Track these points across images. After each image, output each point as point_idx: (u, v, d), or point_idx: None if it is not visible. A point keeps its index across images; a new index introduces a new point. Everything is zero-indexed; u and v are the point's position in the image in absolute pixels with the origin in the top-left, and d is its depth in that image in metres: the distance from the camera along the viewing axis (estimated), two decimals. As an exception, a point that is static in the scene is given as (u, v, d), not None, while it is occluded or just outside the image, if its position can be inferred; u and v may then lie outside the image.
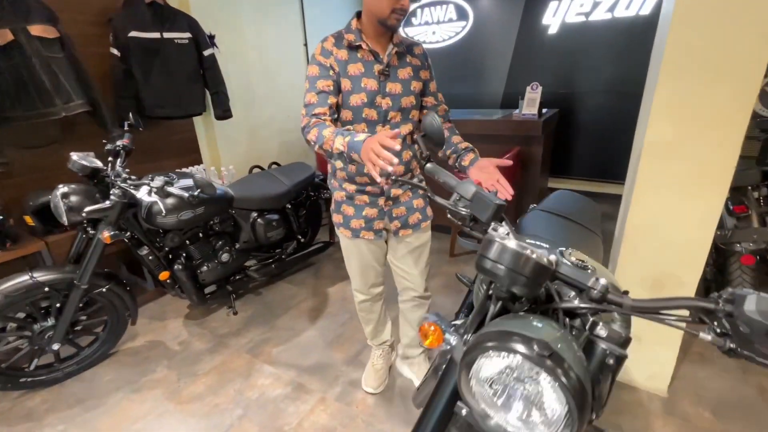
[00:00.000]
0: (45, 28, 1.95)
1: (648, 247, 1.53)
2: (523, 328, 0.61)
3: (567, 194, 1.74)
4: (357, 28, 1.28)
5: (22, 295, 1.61)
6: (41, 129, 2.08)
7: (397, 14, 1.19)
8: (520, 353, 0.58)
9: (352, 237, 1.47)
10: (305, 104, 1.24)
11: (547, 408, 0.60)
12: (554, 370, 0.56)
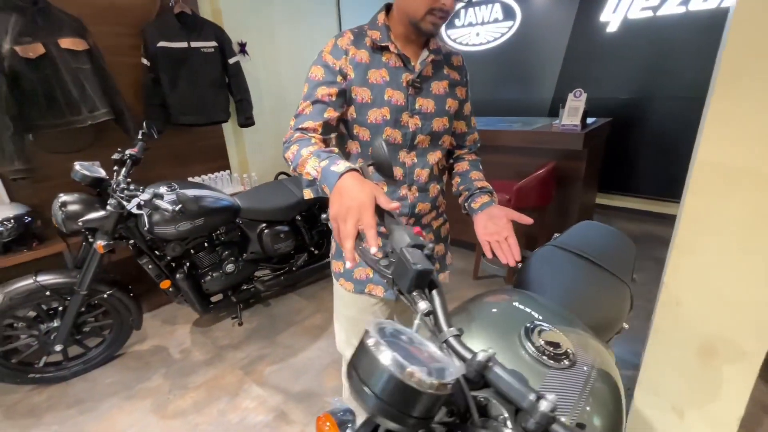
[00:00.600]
0: (74, 41, 2.05)
1: (695, 302, 1.20)
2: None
3: (594, 227, 1.45)
4: (385, 24, 0.98)
5: (25, 298, 1.68)
6: (70, 136, 2.20)
7: (434, 16, 0.89)
8: None
9: (354, 292, 1.13)
10: (296, 113, 0.98)
11: None
12: None
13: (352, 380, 0.43)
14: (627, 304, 1.17)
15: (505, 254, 0.87)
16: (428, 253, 0.62)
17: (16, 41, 1.87)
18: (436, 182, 1.11)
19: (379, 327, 0.45)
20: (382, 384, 0.41)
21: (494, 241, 0.90)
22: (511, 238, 0.89)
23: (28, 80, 1.93)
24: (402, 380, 0.40)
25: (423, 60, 0.99)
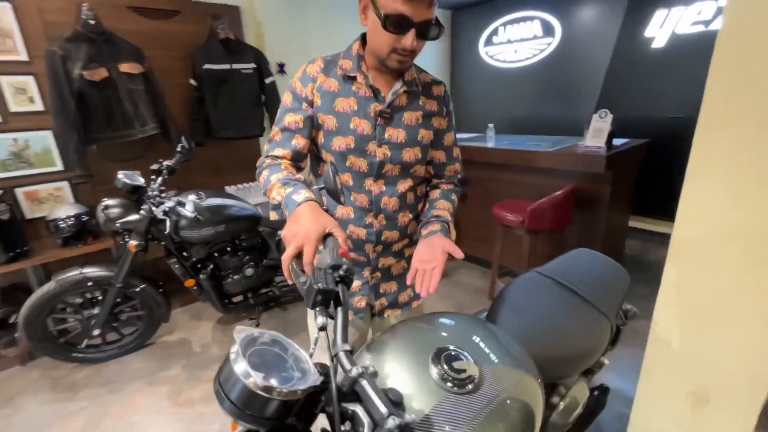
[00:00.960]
0: (132, 66, 2.36)
1: (686, 343, 1.12)
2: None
3: (587, 255, 1.39)
4: (358, 53, 1.00)
5: (72, 286, 1.95)
6: (124, 147, 2.52)
7: (398, 55, 0.92)
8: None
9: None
10: (269, 139, 1.04)
11: None
12: None
13: (215, 386, 0.50)
14: (605, 336, 1.12)
15: (422, 283, 0.89)
16: (342, 274, 0.67)
17: (85, 66, 2.20)
18: (408, 211, 1.11)
19: (251, 338, 0.52)
20: (236, 391, 0.48)
21: (421, 269, 0.91)
22: (437, 269, 0.90)
23: (92, 99, 2.26)
24: (250, 388, 0.47)
25: (395, 91, 1.00)
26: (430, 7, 0.87)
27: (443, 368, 0.65)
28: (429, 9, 0.87)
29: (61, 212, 2.24)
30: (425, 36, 0.91)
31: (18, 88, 2.25)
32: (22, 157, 2.33)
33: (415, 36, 0.88)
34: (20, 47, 2.22)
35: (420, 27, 0.88)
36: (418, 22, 0.87)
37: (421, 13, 0.86)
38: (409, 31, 0.87)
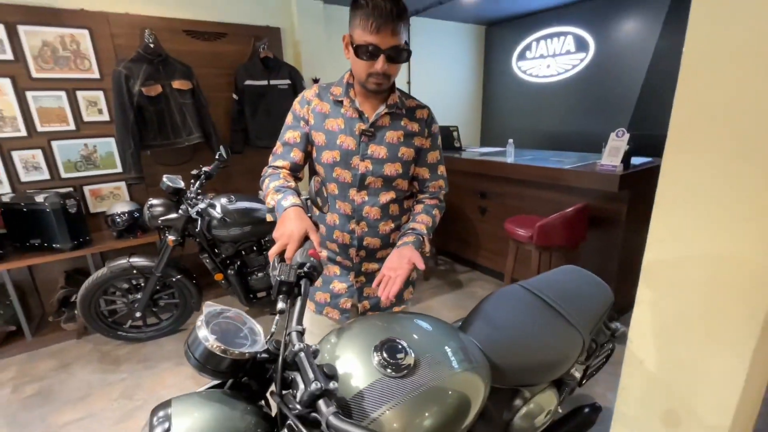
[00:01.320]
0: (182, 83, 2.69)
1: (658, 363, 1.14)
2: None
3: (573, 272, 1.43)
4: (348, 82, 1.14)
5: (120, 272, 2.26)
6: (173, 153, 2.85)
7: (374, 78, 1.04)
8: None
9: (315, 312, 1.29)
10: (272, 152, 1.21)
11: None
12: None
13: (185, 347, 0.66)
14: (574, 349, 1.17)
15: (383, 289, 1.01)
16: (306, 270, 0.81)
17: (143, 83, 2.54)
18: (390, 221, 1.22)
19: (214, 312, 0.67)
20: (199, 350, 0.63)
21: (386, 276, 1.03)
22: (401, 277, 1.01)
23: (147, 112, 2.60)
24: (208, 348, 0.62)
25: (378, 113, 1.13)
26: (395, 35, 1.00)
27: (383, 356, 0.77)
28: (394, 37, 1.00)
29: (118, 208, 2.59)
30: (395, 60, 1.04)
31: (90, 101, 2.64)
32: (90, 160, 2.72)
33: (384, 61, 1.02)
34: (94, 67, 2.61)
35: (389, 53, 1.01)
36: (385, 48, 1.00)
37: (388, 41, 1.00)
38: (378, 57, 1.01)
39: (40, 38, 2.44)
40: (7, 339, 2.46)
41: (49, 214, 2.32)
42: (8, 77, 2.40)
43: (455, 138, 3.54)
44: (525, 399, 1.12)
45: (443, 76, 4.49)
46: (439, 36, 4.34)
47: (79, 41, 2.55)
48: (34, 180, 2.58)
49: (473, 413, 0.84)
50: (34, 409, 1.95)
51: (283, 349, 0.69)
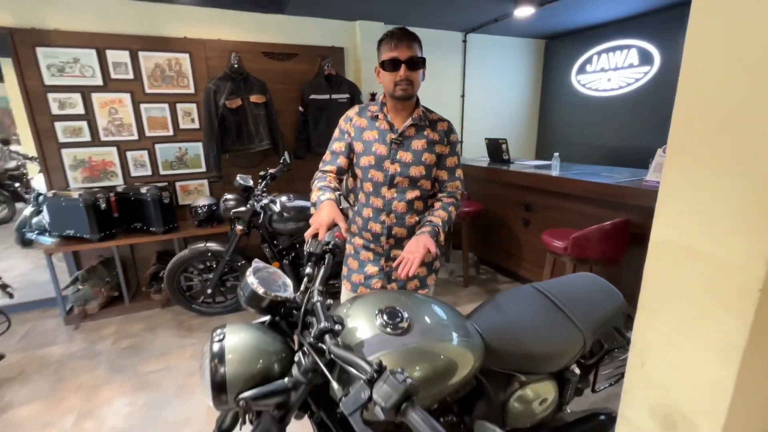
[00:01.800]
0: (258, 97, 3.13)
1: (657, 367, 1.18)
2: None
3: (588, 279, 1.51)
4: (382, 101, 1.41)
5: (198, 254, 2.70)
6: (247, 157, 3.31)
7: (401, 85, 1.28)
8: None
9: (350, 290, 1.51)
10: (323, 159, 1.49)
11: None
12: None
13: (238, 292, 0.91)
14: (574, 346, 1.26)
15: (401, 268, 1.21)
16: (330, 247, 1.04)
17: (227, 98, 3.01)
18: (415, 214, 1.44)
19: (259, 266, 0.93)
20: (247, 292, 0.88)
21: (405, 257, 1.23)
22: (417, 259, 1.21)
23: (228, 121, 3.07)
24: (253, 289, 0.87)
25: (405, 125, 1.38)
26: (410, 49, 1.27)
27: (383, 318, 0.96)
28: (409, 50, 1.27)
29: (200, 202, 3.07)
30: (413, 68, 1.29)
31: (185, 111, 3.18)
32: (182, 161, 3.26)
33: (405, 69, 1.28)
34: (191, 84, 3.15)
35: (407, 62, 1.27)
36: (405, 59, 1.27)
37: (405, 53, 1.27)
38: (400, 66, 1.27)
39: (153, 61, 3.02)
40: (111, 302, 3.03)
41: (149, 204, 2.85)
42: (128, 92, 3.01)
43: (504, 150, 3.61)
44: (521, 383, 1.24)
45: (497, 89, 4.57)
46: (494, 51, 4.44)
47: (181, 63, 3.10)
48: (140, 175, 3.17)
49: (458, 378, 1.00)
50: (127, 358, 2.42)
51: (306, 299, 0.93)
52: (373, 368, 0.68)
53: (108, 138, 3.02)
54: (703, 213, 1.02)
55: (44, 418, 1.94)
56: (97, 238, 2.75)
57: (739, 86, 0.92)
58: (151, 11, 2.97)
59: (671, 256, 1.11)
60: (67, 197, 2.70)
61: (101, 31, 2.86)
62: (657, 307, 1.17)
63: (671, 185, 1.10)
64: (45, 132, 2.86)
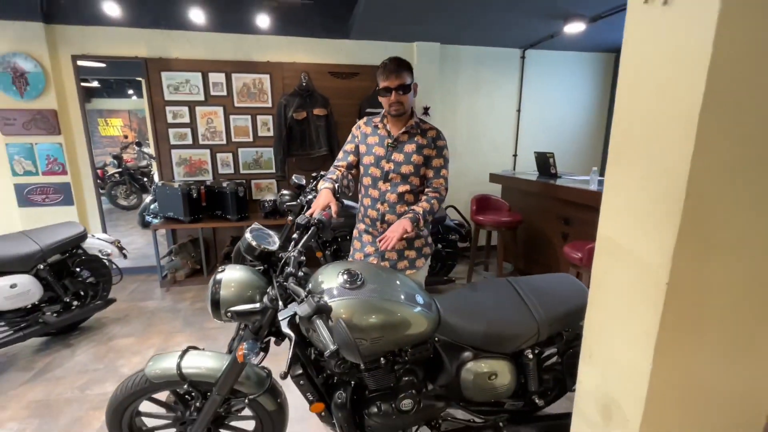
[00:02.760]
0: (320, 110, 3.64)
1: (601, 357, 1.27)
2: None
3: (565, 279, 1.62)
4: (383, 114, 1.74)
5: (258, 239, 3.24)
6: (307, 161, 3.83)
7: (394, 106, 1.63)
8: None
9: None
10: (336, 157, 1.85)
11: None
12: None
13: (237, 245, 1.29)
14: (527, 332, 1.39)
15: (383, 242, 1.48)
16: (316, 221, 1.37)
17: (295, 110, 3.57)
18: (404, 204, 1.72)
19: (254, 227, 1.29)
20: (245, 244, 1.25)
21: (386, 235, 1.52)
22: (396, 237, 1.50)
23: (294, 130, 3.62)
24: (249, 242, 1.23)
25: (400, 132, 1.68)
26: (399, 78, 1.57)
27: (343, 276, 1.25)
28: (399, 78, 1.57)
29: (267, 197, 3.65)
30: (402, 92, 1.59)
31: (263, 122, 3.82)
32: (258, 163, 3.90)
33: (396, 94, 1.58)
34: (269, 99, 3.78)
35: (397, 89, 1.57)
36: (394, 87, 1.57)
37: (395, 82, 1.57)
38: (391, 93, 1.57)
39: (242, 81, 3.72)
40: (194, 273, 3.74)
41: (229, 196, 3.50)
42: (222, 106, 3.73)
43: (551, 164, 3.61)
44: (474, 357, 1.40)
45: (556, 104, 4.52)
46: (554, 66, 4.42)
47: (263, 82, 3.75)
48: (225, 173, 3.88)
49: (409, 333, 1.24)
50: (198, 317, 3.02)
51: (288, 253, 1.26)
52: (302, 295, 0.98)
53: (204, 142, 3.78)
54: (629, 214, 1.13)
55: (135, 348, 2.56)
56: (188, 220, 3.46)
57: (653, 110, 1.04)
58: (243, 41, 3.68)
59: (609, 253, 1.21)
60: (170, 186, 3.46)
61: (206, 58, 3.63)
62: (600, 300, 1.27)
63: (610, 189, 1.21)
64: (162, 136, 3.70)
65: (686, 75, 0.93)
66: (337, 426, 1.38)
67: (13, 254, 2.24)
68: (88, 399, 2.05)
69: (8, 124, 3.31)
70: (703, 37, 0.88)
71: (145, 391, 1.34)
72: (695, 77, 0.90)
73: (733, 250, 1.01)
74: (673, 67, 0.96)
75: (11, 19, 3.17)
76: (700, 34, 0.89)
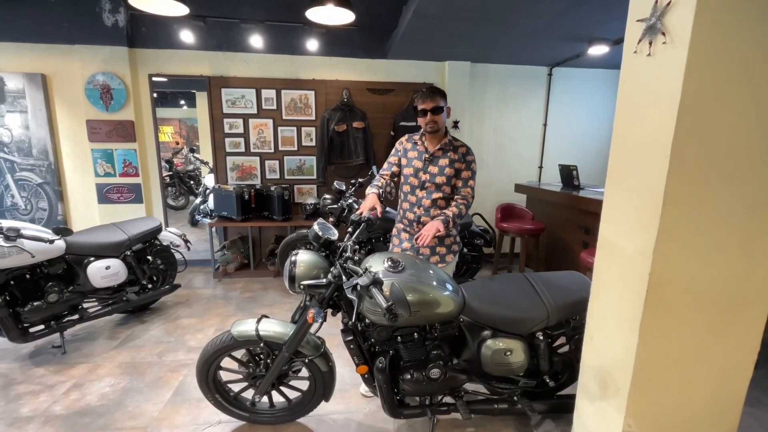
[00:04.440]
0: (358, 123, 4.02)
1: (600, 339, 1.52)
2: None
3: (573, 276, 1.87)
4: (422, 131, 2.06)
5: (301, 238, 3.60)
6: (345, 169, 4.20)
7: (428, 126, 1.97)
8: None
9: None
10: (382, 167, 2.20)
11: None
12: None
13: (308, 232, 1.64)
14: (538, 315, 1.67)
15: (420, 239, 1.79)
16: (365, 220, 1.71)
17: (336, 123, 3.96)
18: (437, 209, 2.03)
19: (320, 221, 1.64)
20: (312, 233, 1.61)
21: (422, 233, 1.82)
22: (430, 234, 1.80)
23: (335, 141, 4.01)
24: (316, 232, 1.58)
25: (436, 148, 2.00)
26: (434, 101, 1.89)
27: (388, 262, 1.57)
28: (433, 101, 1.90)
29: (309, 201, 4.04)
30: (436, 113, 1.92)
31: (307, 133, 4.24)
32: (301, 170, 4.32)
33: (430, 115, 1.91)
34: (312, 113, 4.20)
35: (432, 110, 1.90)
36: (429, 108, 1.90)
37: (429, 105, 1.90)
38: (427, 114, 1.90)
39: (290, 97, 4.16)
40: (241, 267, 4.18)
41: (275, 198, 3.92)
42: (271, 119, 4.18)
43: (574, 176, 3.82)
44: (491, 335, 1.68)
45: (582, 119, 4.71)
46: (581, 82, 4.62)
47: (308, 97, 4.18)
48: (272, 178, 4.31)
49: (440, 311, 1.54)
50: (247, 303, 3.42)
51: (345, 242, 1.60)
52: (361, 271, 1.32)
53: (255, 150, 4.24)
54: (621, 219, 1.40)
55: (197, 327, 2.98)
56: (239, 219, 3.90)
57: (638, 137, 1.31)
58: (293, 61, 4.12)
59: (607, 251, 1.48)
60: (225, 189, 3.92)
61: (260, 76, 4.09)
62: (600, 291, 1.53)
63: (608, 199, 1.48)
64: (219, 144, 4.18)
65: (662, 110, 1.20)
66: (377, 386, 1.69)
67: (109, 241, 2.70)
68: (165, 363, 2.46)
69: (95, 132, 3.87)
70: (674, 80, 1.16)
71: (229, 348, 1.70)
72: (669, 111, 1.18)
73: (706, 249, 1.27)
74: (653, 104, 1.24)
75: (101, 44, 3.74)
76: (672, 79, 1.17)
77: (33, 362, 2.46)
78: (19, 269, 2.33)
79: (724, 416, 1.46)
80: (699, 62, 1.12)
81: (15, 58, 3.75)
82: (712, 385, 1.41)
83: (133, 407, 2.06)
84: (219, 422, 1.93)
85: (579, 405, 1.64)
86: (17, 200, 3.93)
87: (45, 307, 2.42)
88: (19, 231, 2.22)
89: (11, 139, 3.83)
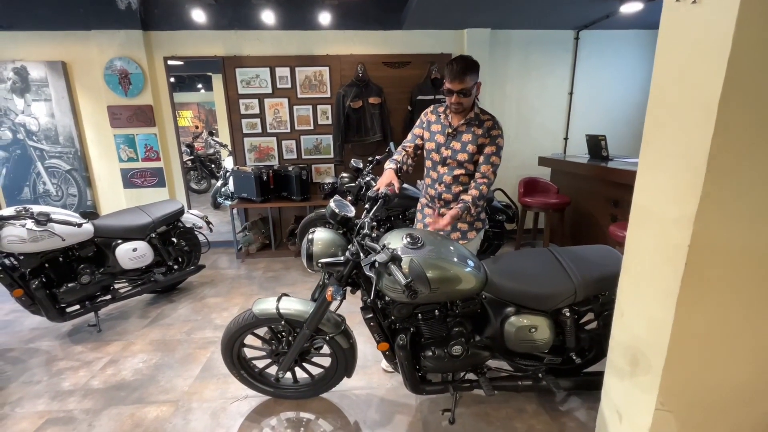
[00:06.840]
0: (375, 99, 3.91)
1: (632, 315, 1.45)
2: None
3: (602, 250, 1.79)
4: (446, 105, 1.95)
5: (320, 217, 3.60)
6: (363, 146, 4.14)
7: (453, 105, 1.86)
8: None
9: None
10: (404, 138, 2.14)
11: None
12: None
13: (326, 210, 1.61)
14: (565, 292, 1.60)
15: (431, 225, 1.75)
16: (382, 195, 1.66)
17: (352, 100, 3.87)
18: (459, 185, 1.96)
19: (337, 198, 1.60)
20: (329, 210, 1.58)
21: (437, 220, 1.78)
22: (445, 221, 1.75)
23: (351, 118, 3.93)
24: (333, 209, 1.55)
25: (459, 123, 1.90)
26: (461, 83, 1.76)
27: (407, 239, 1.53)
28: (461, 83, 1.76)
29: (326, 180, 4.02)
30: (462, 95, 1.80)
31: (323, 111, 4.18)
32: (318, 149, 4.28)
33: (456, 96, 1.79)
34: (327, 90, 4.12)
35: (458, 92, 1.78)
36: (456, 90, 1.78)
37: (457, 86, 1.77)
38: (453, 95, 1.78)
39: (304, 74, 4.08)
40: (263, 248, 4.24)
41: (293, 179, 3.92)
42: (287, 98, 4.13)
43: (603, 147, 3.62)
44: (516, 311, 1.63)
45: (612, 85, 4.43)
46: (611, 46, 4.33)
47: (323, 74, 4.09)
48: (289, 158, 4.30)
49: (461, 287, 1.50)
50: (270, 282, 3.48)
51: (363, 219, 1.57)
52: (379, 249, 1.28)
53: (271, 131, 4.22)
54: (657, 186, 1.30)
55: (223, 305, 3.06)
56: (259, 200, 3.92)
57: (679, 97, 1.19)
58: (305, 37, 4.02)
59: (641, 221, 1.39)
60: (244, 171, 3.93)
61: (273, 54, 4.02)
62: (632, 264, 1.45)
63: (644, 165, 1.38)
64: (236, 126, 4.18)
65: (708, 65, 1.08)
66: (398, 363, 1.69)
67: (134, 224, 2.77)
68: (193, 341, 2.55)
69: (116, 118, 3.93)
70: (724, 32, 1.04)
71: (251, 326, 1.72)
72: (716, 67, 1.06)
73: (750, 219, 1.16)
74: (698, 59, 1.12)
75: (117, 29, 3.75)
76: (722, 29, 1.05)
77: (72, 340, 2.59)
78: (52, 252, 2.43)
79: (765, 394, 1.38)
80: (754, 8, 0.99)
81: (36, 47, 3.80)
82: (754, 362, 1.33)
83: (165, 382, 2.14)
84: (246, 397, 1.99)
85: (607, 382, 1.59)
86: (49, 187, 4.08)
87: (79, 288, 2.52)
88: (48, 215, 2.29)
89: (39, 127, 3.94)
